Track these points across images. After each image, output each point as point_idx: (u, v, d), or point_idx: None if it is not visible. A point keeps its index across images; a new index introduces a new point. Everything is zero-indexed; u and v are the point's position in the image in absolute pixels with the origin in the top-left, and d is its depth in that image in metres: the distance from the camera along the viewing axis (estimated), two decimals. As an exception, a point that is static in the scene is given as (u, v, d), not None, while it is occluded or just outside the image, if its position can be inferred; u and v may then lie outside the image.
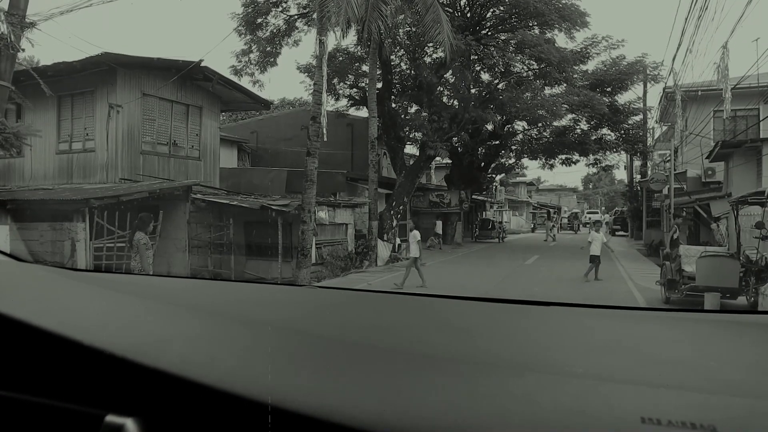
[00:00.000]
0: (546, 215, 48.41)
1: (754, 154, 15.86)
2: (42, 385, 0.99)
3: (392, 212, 20.45)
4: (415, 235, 12.76)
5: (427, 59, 23.66)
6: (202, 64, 15.29)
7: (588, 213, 76.35)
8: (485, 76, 25.21)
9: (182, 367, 0.91)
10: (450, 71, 22.35)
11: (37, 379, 1.00)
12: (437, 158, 26.71)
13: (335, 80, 23.76)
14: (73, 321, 1.13)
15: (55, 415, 0.95)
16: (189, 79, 15.78)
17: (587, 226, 64.00)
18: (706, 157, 18.80)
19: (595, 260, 13.64)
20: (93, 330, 1.07)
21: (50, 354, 1.00)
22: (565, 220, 52.41)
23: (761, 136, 16.39)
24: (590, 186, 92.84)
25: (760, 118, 18.77)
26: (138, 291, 1.57)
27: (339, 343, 1.11)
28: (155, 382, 0.90)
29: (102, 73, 14.14)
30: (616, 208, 53.19)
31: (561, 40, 23.73)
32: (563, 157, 29.18)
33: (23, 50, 11.79)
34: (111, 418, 0.89)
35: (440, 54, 20.40)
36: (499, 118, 23.94)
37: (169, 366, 0.91)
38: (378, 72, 19.79)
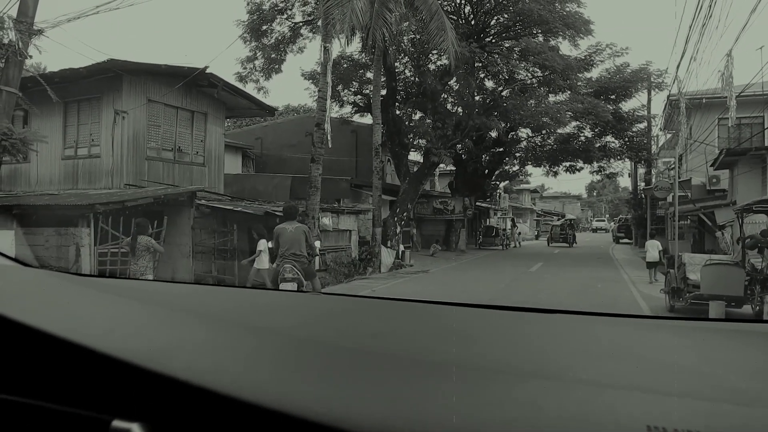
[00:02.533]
0: (511, 222, 40.28)
1: (759, 162, 15.83)
2: (48, 389, 0.99)
3: (396, 219, 20.45)
4: (261, 244, 11.31)
5: (432, 66, 23.72)
6: (207, 71, 15.36)
7: (596, 221, 75.56)
8: (489, 84, 25.30)
9: (188, 372, 0.91)
10: (454, 78, 22.40)
11: (43, 384, 1.00)
12: (441, 165, 26.74)
13: (340, 87, 23.84)
14: (79, 326, 1.14)
15: (61, 419, 0.95)
16: (194, 85, 15.84)
17: (597, 231, 63.44)
18: (711, 165, 18.76)
19: (652, 266, 14.73)
20: (99, 335, 1.08)
21: (56, 359, 1.01)
22: (558, 229, 39.59)
23: (766, 144, 16.38)
24: (594, 193, 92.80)
25: (765, 126, 18.73)
26: (143, 296, 1.58)
27: (343, 349, 1.11)
28: (161, 387, 0.90)
29: (108, 79, 14.22)
30: (621, 216, 52.86)
31: (565, 47, 23.85)
32: (567, 164, 29.22)
33: (31, 57, 11.89)
34: (117, 423, 0.89)
35: (444, 61, 20.44)
36: (503, 125, 23.98)
37: (174, 371, 0.91)
38: (382, 79, 19.85)
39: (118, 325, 1.21)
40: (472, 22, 23.93)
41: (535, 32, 23.08)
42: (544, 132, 26.40)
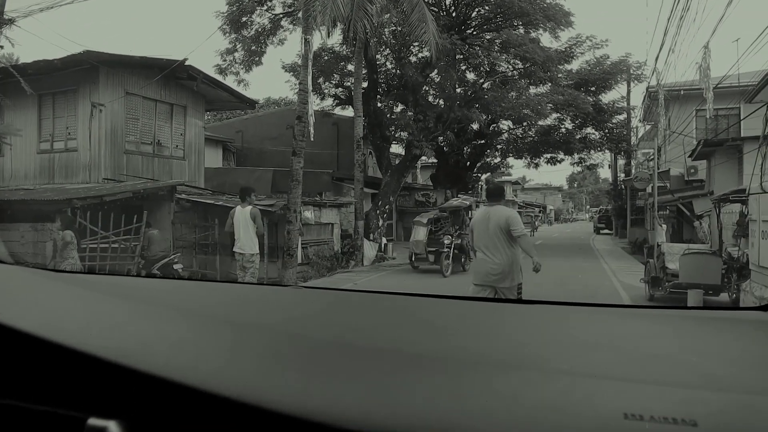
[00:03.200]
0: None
1: (736, 152, 16.08)
2: (22, 388, 0.97)
3: (378, 212, 20.45)
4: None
5: (413, 58, 23.68)
6: (187, 63, 15.18)
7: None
8: (471, 76, 25.32)
9: (167, 368, 0.90)
10: (435, 70, 22.39)
11: (17, 383, 0.98)
12: (423, 157, 26.74)
13: (321, 79, 23.70)
14: (55, 323, 1.12)
15: (36, 418, 0.93)
16: (173, 77, 15.65)
17: (573, 222, 64.13)
18: (689, 156, 19.03)
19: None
20: (75, 332, 1.06)
21: (31, 357, 0.99)
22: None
23: (742, 135, 16.64)
24: (575, 185, 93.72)
25: (741, 117, 19.01)
26: (121, 292, 1.55)
27: (325, 343, 1.11)
28: (139, 384, 0.89)
29: (84, 71, 13.98)
30: (601, 207, 53.46)
31: (546, 39, 23.96)
32: (548, 156, 29.39)
33: (2, 48, 11.66)
34: (93, 421, 0.88)
35: (426, 53, 20.41)
36: (484, 117, 24.04)
37: (153, 368, 0.90)
38: (363, 71, 19.77)
39: (94, 322, 1.19)
40: (453, 14, 23.92)
41: (515, 24, 23.14)
42: (525, 124, 26.53)
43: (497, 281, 5.72)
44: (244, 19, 21.88)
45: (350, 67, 22.51)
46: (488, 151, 30.29)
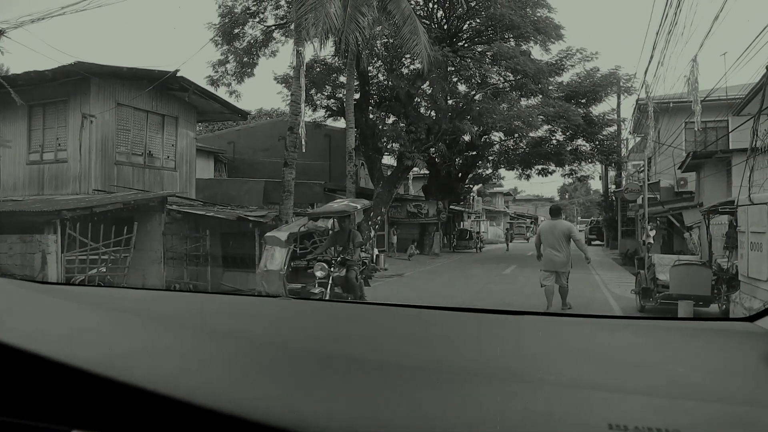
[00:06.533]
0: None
1: (724, 164, 16.22)
2: (4, 402, 0.96)
3: (370, 223, 20.44)
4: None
5: (405, 70, 23.81)
6: (178, 74, 15.17)
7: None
8: (462, 88, 25.47)
9: (151, 380, 0.89)
10: (427, 82, 22.51)
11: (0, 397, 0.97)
12: (415, 169, 26.81)
13: (312, 91, 23.77)
14: (38, 335, 1.11)
15: None
16: (165, 89, 15.62)
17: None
18: (679, 168, 19.18)
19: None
20: (58, 343, 1.05)
21: (13, 369, 0.97)
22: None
23: (731, 147, 16.80)
24: (566, 196, 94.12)
25: (729, 130, 19.21)
26: (110, 304, 1.54)
27: (314, 354, 1.10)
28: (123, 396, 0.88)
29: (75, 82, 13.93)
30: (592, 218, 53.70)
31: (536, 52, 24.13)
32: (539, 167, 29.49)
33: (-7, 59, 11.62)
34: None
35: (417, 65, 20.56)
36: (475, 128, 24.16)
37: (137, 379, 0.89)
38: (355, 83, 19.85)
39: (78, 333, 1.18)
40: (445, 27, 24.10)
41: (506, 37, 23.33)
42: (516, 135, 26.64)
43: (560, 267, 9.50)
44: (236, 30, 21.97)
45: (342, 79, 22.60)
46: (480, 162, 30.42)
